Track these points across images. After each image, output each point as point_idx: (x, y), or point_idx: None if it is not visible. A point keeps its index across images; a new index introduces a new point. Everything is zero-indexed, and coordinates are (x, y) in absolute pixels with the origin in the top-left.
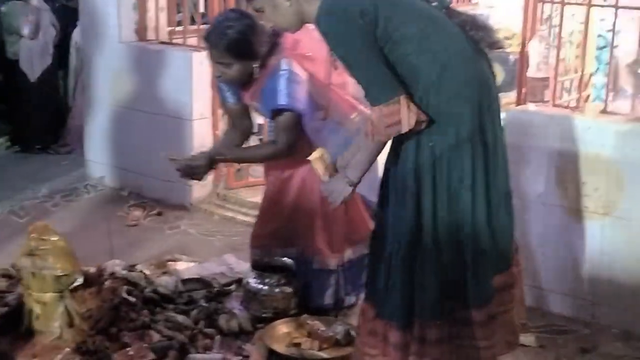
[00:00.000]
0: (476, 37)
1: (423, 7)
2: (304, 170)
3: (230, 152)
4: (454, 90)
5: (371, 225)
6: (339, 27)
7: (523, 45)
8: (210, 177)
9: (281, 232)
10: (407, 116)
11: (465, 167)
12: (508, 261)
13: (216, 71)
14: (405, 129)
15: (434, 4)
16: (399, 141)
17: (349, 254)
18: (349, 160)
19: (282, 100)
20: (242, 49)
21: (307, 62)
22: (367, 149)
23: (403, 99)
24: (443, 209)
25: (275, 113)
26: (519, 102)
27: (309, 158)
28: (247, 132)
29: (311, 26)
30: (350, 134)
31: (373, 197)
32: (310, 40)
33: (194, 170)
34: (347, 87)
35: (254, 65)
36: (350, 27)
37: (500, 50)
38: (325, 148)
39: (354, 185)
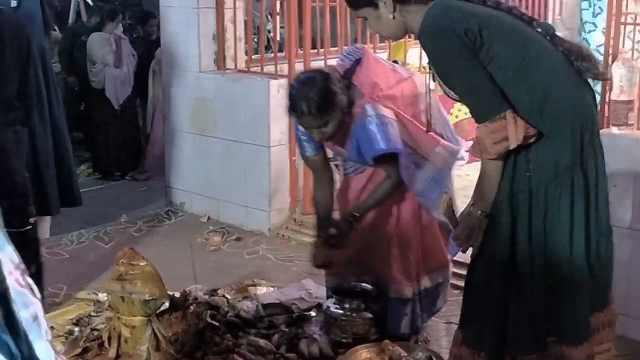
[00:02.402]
0: (580, 67)
1: (527, 32)
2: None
3: (363, 205)
4: (554, 120)
5: (447, 253)
6: (442, 44)
7: (605, 67)
8: (287, 203)
9: (356, 260)
10: (514, 131)
11: (563, 200)
12: (607, 298)
13: (316, 136)
14: (513, 144)
15: (538, 29)
16: None
17: (425, 282)
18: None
19: (381, 145)
20: (330, 105)
21: (388, 101)
22: (486, 173)
23: (509, 114)
24: (539, 241)
25: (377, 159)
26: (601, 125)
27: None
28: (331, 181)
29: (385, 61)
30: (436, 168)
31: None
32: (386, 79)
33: (337, 239)
34: (420, 117)
35: (343, 111)
36: (454, 44)
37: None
38: (416, 184)
39: (487, 215)
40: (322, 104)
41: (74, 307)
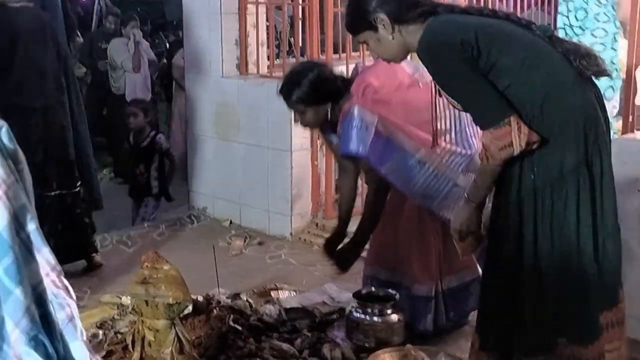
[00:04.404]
0: (581, 65)
1: (525, 36)
2: (398, 197)
3: (360, 228)
4: (556, 121)
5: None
6: (440, 58)
7: (630, 72)
8: (309, 208)
9: (387, 256)
10: (517, 138)
11: (569, 200)
12: (616, 297)
13: (295, 117)
14: (517, 151)
15: (537, 32)
16: (501, 173)
17: (451, 281)
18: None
19: (352, 147)
20: (310, 99)
21: (378, 105)
22: (484, 171)
23: (513, 120)
24: (545, 242)
25: (350, 158)
26: (625, 130)
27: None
28: (356, 173)
29: (406, 65)
30: (435, 170)
31: None
32: (389, 83)
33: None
34: (427, 125)
35: (327, 108)
36: (453, 57)
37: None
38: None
39: (477, 206)
40: (302, 96)
41: (97, 311)
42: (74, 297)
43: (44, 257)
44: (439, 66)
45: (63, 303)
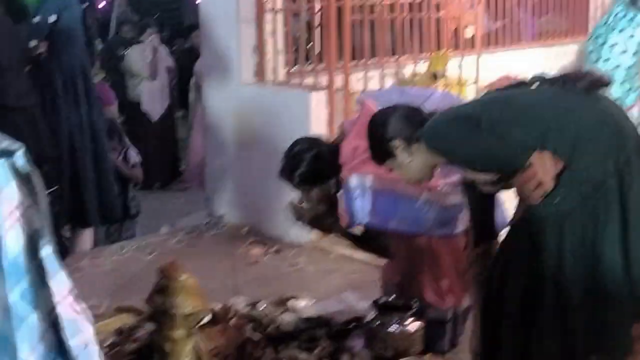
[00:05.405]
0: (580, 86)
1: (520, 91)
2: None
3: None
4: (573, 147)
5: None
6: (444, 133)
7: None
8: None
9: (399, 277)
10: (543, 175)
11: (596, 220)
12: None
13: (302, 197)
14: (550, 186)
15: (531, 84)
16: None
17: (465, 301)
18: None
19: (356, 221)
20: (313, 179)
21: (368, 164)
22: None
23: (534, 158)
24: (568, 265)
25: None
26: None
27: None
28: None
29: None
30: (444, 204)
31: None
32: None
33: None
34: None
35: (332, 183)
36: (455, 128)
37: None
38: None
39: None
40: (304, 179)
41: (115, 319)
42: (92, 320)
43: (61, 281)
44: (444, 142)
45: (78, 329)
